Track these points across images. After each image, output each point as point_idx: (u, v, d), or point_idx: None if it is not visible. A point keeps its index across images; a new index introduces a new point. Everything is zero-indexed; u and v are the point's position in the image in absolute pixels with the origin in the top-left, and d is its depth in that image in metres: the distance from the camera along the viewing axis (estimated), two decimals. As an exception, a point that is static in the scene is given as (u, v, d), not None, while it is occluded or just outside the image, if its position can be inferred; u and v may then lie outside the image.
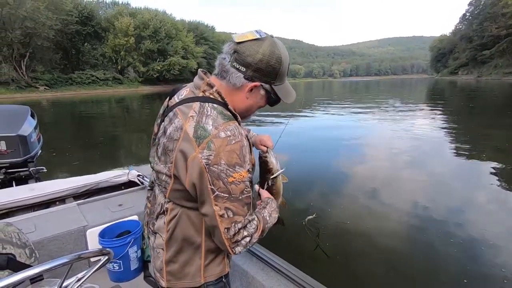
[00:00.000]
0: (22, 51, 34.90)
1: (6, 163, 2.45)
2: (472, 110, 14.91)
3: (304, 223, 3.23)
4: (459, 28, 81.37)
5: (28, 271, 0.74)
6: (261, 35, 0.78)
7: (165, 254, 0.86)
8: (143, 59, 48.61)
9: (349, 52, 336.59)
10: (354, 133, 8.92)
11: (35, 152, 2.66)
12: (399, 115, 13.09)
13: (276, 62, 0.78)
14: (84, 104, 24.04)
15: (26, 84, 35.19)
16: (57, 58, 41.24)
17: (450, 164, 5.87)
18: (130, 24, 45.64)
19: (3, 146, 2.42)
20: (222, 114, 0.78)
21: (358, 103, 19.45)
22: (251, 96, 0.83)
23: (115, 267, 1.72)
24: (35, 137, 2.71)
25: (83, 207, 2.01)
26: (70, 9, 40.43)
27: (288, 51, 0.84)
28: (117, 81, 46.16)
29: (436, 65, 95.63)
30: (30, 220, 1.79)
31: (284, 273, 1.35)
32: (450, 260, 2.73)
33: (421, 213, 3.66)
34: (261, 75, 0.79)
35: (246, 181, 0.76)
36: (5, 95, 31.25)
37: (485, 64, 62.81)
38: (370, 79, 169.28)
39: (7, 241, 1.10)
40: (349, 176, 5.16)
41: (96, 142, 9.20)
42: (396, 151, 6.86)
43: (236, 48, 0.77)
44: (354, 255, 2.85)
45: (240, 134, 0.76)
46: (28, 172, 2.56)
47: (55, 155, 7.05)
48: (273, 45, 0.78)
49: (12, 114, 2.71)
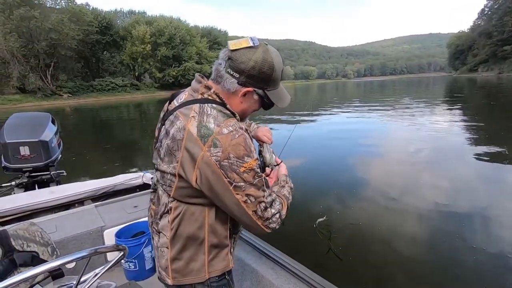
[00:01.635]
0: (47, 61, 37.13)
1: (29, 167, 2.55)
2: (493, 107, 14.20)
3: (315, 225, 3.19)
4: (478, 23, 78.59)
5: (50, 263, 0.77)
6: (255, 42, 0.81)
7: (170, 252, 0.88)
8: (159, 65, 50.15)
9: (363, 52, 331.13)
10: (368, 134, 8.75)
11: (56, 157, 2.75)
12: (415, 114, 12.64)
13: (269, 69, 0.82)
14: (104, 110, 25.10)
15: (51, 92, 37.33)
16: (79, 66, 43.46)
17: (473, 164, 5.58)
18: (146, 32, 47.30)
19: (26, 151, 2.51)
20: (222, 112, 0.82)
21: (372, 103, 19.03)
22: (245, 101, 0.87)
23: (131, 266, 1.78)
24: (56, 142, 2.81)
25: (100, 209, 2.09)
26: (90, 20, 42.65)
27: (300, 53, 0.91)
28: (134, 87, 47.92)
29: (454, 62, 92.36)
30: (51, 221, 1.86)
31: (294, 272, 1.36)
32: (470, 267, 2.58)
33: (440, 216, 3.51)
34: (254, 81, 0.82)
35: (255, 168, 0.80)
36: (32, 103, 33.25)
37: (506, 60, 60.29)
38: (385, 78, 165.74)
39: (31, 239, 1.17)
40: (362, 178, 5.04)
41: (112, 146, 9.60)
42: (414, 151, 6.64)
43: (230, 55, 0.81)
44: (367, 258, 2.78)
45: (241, 128, 0.80)
46: (50, 175, 2.68)
47: (75, 159, 7.43)
48: (266, 53, 0.81)
49: (34, 120, 2.81)
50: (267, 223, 0.84)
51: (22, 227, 1.20)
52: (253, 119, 1.29)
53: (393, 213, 3.68)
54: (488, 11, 72.28)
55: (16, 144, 2.49)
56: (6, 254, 1.06)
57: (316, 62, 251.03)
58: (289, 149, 1.25)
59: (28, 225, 1.22)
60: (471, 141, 7.51)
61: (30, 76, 35.11)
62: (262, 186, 0.82)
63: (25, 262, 1.08)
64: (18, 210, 1.92)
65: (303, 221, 3.35)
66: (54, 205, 2.08)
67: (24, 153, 2.50)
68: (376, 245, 2.97)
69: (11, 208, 1.89)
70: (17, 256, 1.08)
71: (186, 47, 51.57)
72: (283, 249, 1.52)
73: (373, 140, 8.10)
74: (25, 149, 2.50)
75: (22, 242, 1.15)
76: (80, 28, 38.98)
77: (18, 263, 1.07)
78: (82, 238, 1.77)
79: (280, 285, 1.31)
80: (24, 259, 1.09)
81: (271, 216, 0.84)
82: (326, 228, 3.18)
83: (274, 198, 0.86)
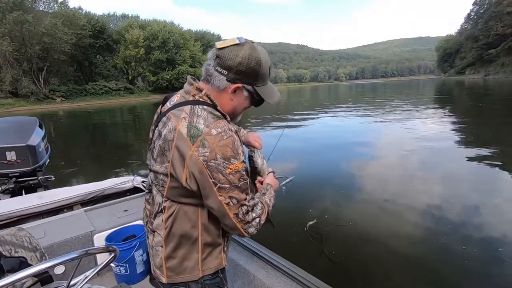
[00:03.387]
0: (40, 65, 36.79)
1: (16, 172, 2.51)
2: (481, 109, 14.45)
3: (306, 229, 3.18)
4: (465, 27, 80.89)
5: (38, 265, 0.75)
6: (241, 40, 0.83)
7: (164, 251, 0.89)
8: (152, 69, 50.15)
9: (354, 55, 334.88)
10: (358, 136, 8.75)
11: (44, 161, 2.71)
12: (405, 116, 12.71)
13: (256, 64, 0.83)
14: (98, 114, 25.04)
15: (44, 96, 36.99)
16: (72, 70, 43.20)
17: (464, 164, 5.60)
18: (140, 35, 47.31)
19: (13, 156, 2.46)
20: (212, 114, 0.84)
21: (362, 105, 19.12)
22: (235, 97, 0.88)
23: (122, 270, 1.75)
24: (43, 147, 2.76)
25: (90, 213, 2.06)
26: (84, 24, 42.38)
27: (293, 56, 1.07)
28: (128, 90, 47.77)
29: (443, 65, 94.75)
30: (40, 227, 1.82)
31: (284, 271, 1.38)
32: (460, 267, 2.60)
33: (430, 216, 3.54)
34: (242, 76, 0.84)
35: (241, 170, 0.81)
36: (25, 107, 32.94)
37: (492, 63, 62.22)
38: (377, 81, 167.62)
39: (19, 245, 1.14)
40: (351, 180, 5.04)
41: (105, 149, 9.62)
42: (405, 153, 6.66)
43: (218, 53, 0.83)
44: (358, 258, 2.81)
45: (230, 130, 0.81)
46: (37, 180, 2.63)
47: (65, 164, 7.27)
48: (253, 49, 0.83)
49: (21, 125, 2.76)
50: (247, 227, 0.85)
51: (10, 233, 1.18)
52: (241, 124, 1.28)
53: (384, 214, 3.70)
54: (474, 15, 74.53)
55: (2, 149, 2.44)
56: None
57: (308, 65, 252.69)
58: (278, 153, 1.26)
59: (16, 230, 1.20)
60: (462, 142, 7.60)
61: (22, 80, 34.79)
62: (246, 189, 0.84)
63: (12, 268, 1.05)
64: (5, 216, 1.87)
65: (293, 224, 3.35)
66: (42, 211, 2.03)
67: (10, 158, 2.45)
68: (367, 246, 3.00)
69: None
70: (4, 262, 1.06)
71: (179, 51, 51.72)
72: (274, 251, 1.55)
73: (363, 142, 8.07)
74: (12, 154, 2.45)
75: (10, 247, 1.12)
76: (73, 32, 38.75)
77: (6, 269, 1.04)
78: (71, 243, 1.74)
79: (271, 283, 1.33)
80: (12, 265, 1.06)
81: (252, 220, 0.85)
82: (316, 231, 3.16)
83: (256, 202, 0.88)
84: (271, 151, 1.32)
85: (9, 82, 33.86)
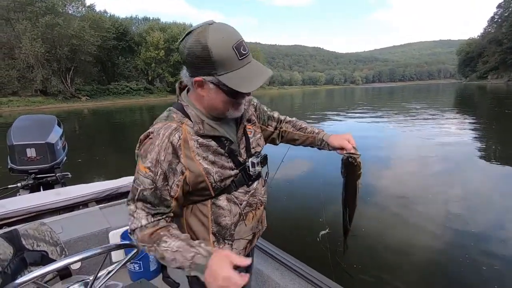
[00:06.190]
0: (68, 65, 39.19)
1: (35, 169, 2.56)
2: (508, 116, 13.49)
3: (319, 239, 3.06)
4: (488, 31, 78.29)
5: (72, 257, 0.75)
6: (194, 28, 0.74)
7: None
8: (171, 70, 51.95)
9: (371, 58, 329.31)
10: (373, 141, 8.41)
11: (61, 159, 2.78)
12: (424, 121, 12.18)
13: (202, 51, 0.71)
14: (119, 113, 26.18)
15: (71, 95, 39.36)
16: (96, 71, 45.49)
17: (487, 173, 5.39)
18: (160, 38, 49.26)
19: (33, 153, 2.52)
20: (167, 116, 0.84)
21: (379, 109, 18.71)
22: (205, 92, 0.79)
23: (136, 267, 1.80)
24: (61, 145, 2.84)
25: (105, 211, 2.09)
26: (108, 27, 44.77)
27: (308, 58, 1.32)
28: (148, 91, 49.81)
29: (464, 69, 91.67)
30: (57, 223, 1.86)
31: (299, 272, 1.37)
32: (482, 278, 2.50)
33: (451, 225, 3.42)
34: (196, 69, 0.75)
35: (141, 174, 0.78)
36: (54, 105, 35.18)
37: (516, 67, 60.15)
38: (394, 85, 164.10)
39: (41, 239, 1.17)
40: (365, 186, 4.58)
41: (123, 147, 9.81)
42: (424, 160, 6.38)
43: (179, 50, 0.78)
44: (374, 267, 2.72)
45: (158, 134, 0.79)
46: (55, 177, 2.67)
47: (86, 160, 7.26)
48: (200, 34, 0.72)
49: (40, 123, 2.82)
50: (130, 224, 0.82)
51: (33, 227, 1.21)
52: None
53: (400, 222, 3.56)
54: (498, 18, 72.14)
55: (23, 146, 2.52)
56: (17, 253, 1.08)
57: (324, 68, 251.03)
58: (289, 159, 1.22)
59: (38, 225, 1.23)
60: (488, 150, 7.29)
61: (52, 79, 37.19)
62: (132, 193, 0.80)
63: (35, 261, 1.09)
64: (24, 211, 1.93)
65: (305, 235, 3.30)
66: (59, 207, 2.08)
67: (30, 155, 2.52)
68: (383, 254, 2.93)
69: (18, 209, 1.89)
70: (27, 255, 1.10)
71: (197, 53, 53.17)
72: (289, 252, 1.52)
73: (379, 147, 7.75)
74: (32, 151, 2.53)
75: (33, 241, 1.16)
76: (99, 35, 41.04)
77: (29, 262, 1.08)
78: (88, 239, 1.78)
79: (285, 285, 1.34)
80: (34, 258, 1.10)
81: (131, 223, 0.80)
82: (330, 241, 3.00)
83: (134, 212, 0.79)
84: (281, 158, 1.32)
85: (39, 81, 36.23)
